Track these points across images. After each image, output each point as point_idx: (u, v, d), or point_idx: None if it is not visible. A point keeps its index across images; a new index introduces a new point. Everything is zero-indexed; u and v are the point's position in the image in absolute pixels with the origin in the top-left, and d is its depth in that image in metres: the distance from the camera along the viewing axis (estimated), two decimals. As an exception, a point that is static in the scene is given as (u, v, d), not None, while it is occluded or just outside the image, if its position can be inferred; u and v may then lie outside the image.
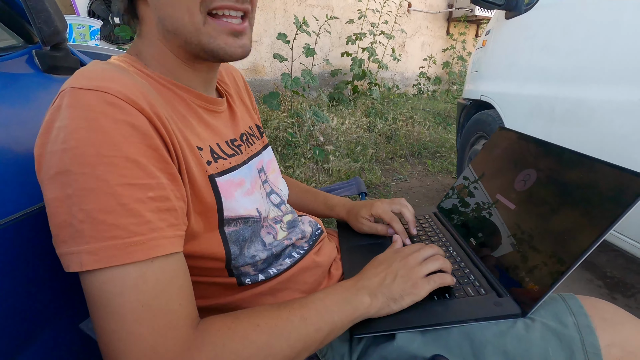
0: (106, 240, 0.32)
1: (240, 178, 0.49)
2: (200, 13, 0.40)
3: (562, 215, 0.49)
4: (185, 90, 0.47)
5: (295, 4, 4.00)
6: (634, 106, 0.95)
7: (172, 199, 0.37)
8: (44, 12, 0.49)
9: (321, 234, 0.64)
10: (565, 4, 1.26)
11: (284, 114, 2.81)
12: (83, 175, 0.32)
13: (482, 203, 0.66)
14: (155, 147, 0.36)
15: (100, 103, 0.34)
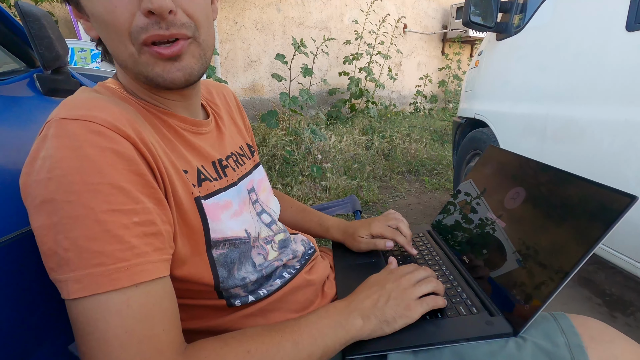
0: (91, 267, 0.32)
1: (227, 200, 0.49)
2: (132, 44, 0.39)
3: (550, 233, 0.50)
4: (169, 114, 0.47)
5: (293, 26, 4.11)
6: (621, 125, 0.97)
7: (158, 222, 0.37)
8: (46, 38, 0.51)
9: (314, 253, 0.64)
10: (553, 27, 1.31)
11: (282, 132, 2.84)
12: (68, 203, 0.33)
13: (474, 221, 0.67)
14: (140, 172, 0.37)
15: (85, 132, 0.34)
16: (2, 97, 0.52)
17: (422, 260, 0.67)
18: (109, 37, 0.40)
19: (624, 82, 0.97)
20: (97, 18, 0.38)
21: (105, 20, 0.38)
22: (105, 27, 0.39)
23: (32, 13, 0.49)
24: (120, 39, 0.39)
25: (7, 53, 0.59)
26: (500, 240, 0.57)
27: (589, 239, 0.43)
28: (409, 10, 4.99)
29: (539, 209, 0.54)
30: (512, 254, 0.54)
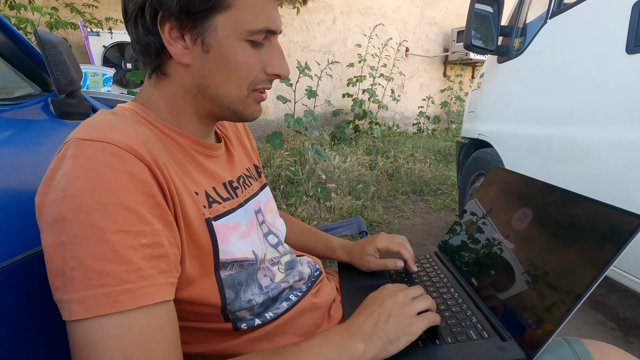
0: (95, 288, 0.32)
1: (235, 221, 0.50)
2: (247, 89, 0.47)
3: (560, 254, 0.49)
4: (185, 136, 0.49)
5: (298, 49, 4.23)
6: (626, 146, 0.97)
7: (165, 245, 0.37)
8: (62, 64, 0.53)
9: (320, 275, 0.64)
10: (553, 50, 1.33)
11: (286, 153, 2.87)
12: (78, 222, 0.33)
13: (481, 242, 0.66)
14: (152, 194, 0.37)
15: (101, 153, 0.35)
16: (18, 120, 0.54)
17: (429, 282, 0.66)
18: (227, 77, 0.46)
19: (626, 103, 0.98)
20: (231, 63, 0.45)
21: (240, 69, 0.45)
22: (233, 71, 0.45)
23: (49, 40, 0.51)
24: (239, 83, 0.46)
25: (23, 78, 0.61)
26: (509, 262, 0.57)
27: (601, 261, 0.42)
28: (411, 34, 5.12)
29: (547, 230, 0.54)
30: (521, 276, 0.53)
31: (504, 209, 0.66)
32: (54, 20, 2.21)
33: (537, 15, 1.49)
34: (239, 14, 0.43)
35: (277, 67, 0.47)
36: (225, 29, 0.43)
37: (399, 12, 4.94)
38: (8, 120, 0.54)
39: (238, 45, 0.44)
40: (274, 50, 0.47)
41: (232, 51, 0.44)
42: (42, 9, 2.08)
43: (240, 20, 0.43)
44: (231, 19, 0.43)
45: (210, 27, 0.43)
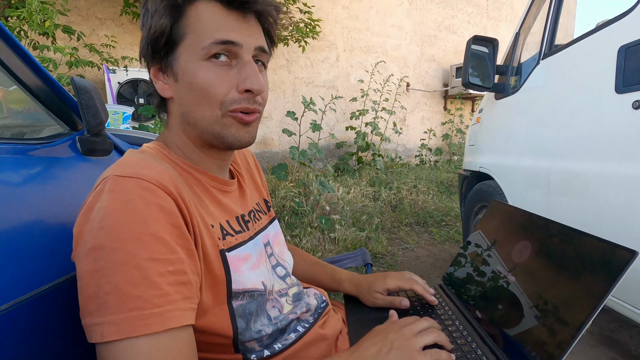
0: (129, 311, 0.35)
1: (247, 253, 0.53)
2: (219, 110, 0.48)
3: (559, 288, 0.51)
4: (202, 173, 0.53)
5: (302, 85, 4.39)
6: (623, 179, 1.00)
7: (188, 272, 0.40)
8: (93, 107, 0.58)
9: (326, 306, 0.65)
10: (547, 88, 1.40)
11: (291, 184, 2.91)
12: (115, 250, 0.37)
13: (484, 275, 0.68)
14: (178, 225, 0.41)
15: (136, 188, 0.39)
16: (49, 158, 0.58)
17: (434, 315, 0.67)
18: (197, 101, 0.48)
19: (619, 138, 1.02)
20: (196, 86, 0.47)
21: (206, 89, 0.47)
22: (200, 93, 0.47)
23: (84, 86, 0.57)
24: (210, 104, 0.48)
25: (54, 118, 0.66)
26: (512, 295, 0.58)
27: (596, 294, 0.44)
28: (411, 71, 5.32)
29: (545, 263, 0.56)
30: (525, 309, 0.54)
31: (504, 242, 0.68)
32: (74, 59, 2.35)
33: (530, 55, 1.57)
34: (193, 37, 0.46)
35: (247, 82, 0.47)
36: (185, 55, 0.47)
37: (399, 50, 5.17)
38: (39, 157, 0.58)
39: (198, 66, 0.46)
40: (243, 66, 0.48)
41: (194, 73, 0.47)
42: (64, 50, 2.22)
43: (194, 43, 0.46)
44: (188, 45, 0.47)
45: (174, 58, 0.48)
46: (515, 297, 0.57)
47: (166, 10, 0.46)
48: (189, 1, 0.47)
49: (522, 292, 0.56)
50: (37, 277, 0.45)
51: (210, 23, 0.46)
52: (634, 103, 0.96)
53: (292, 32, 3.56)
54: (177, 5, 0.46)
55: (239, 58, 0.48)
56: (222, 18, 0.46)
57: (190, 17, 0.46)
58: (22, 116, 0.79)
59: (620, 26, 1.04)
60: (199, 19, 0.46)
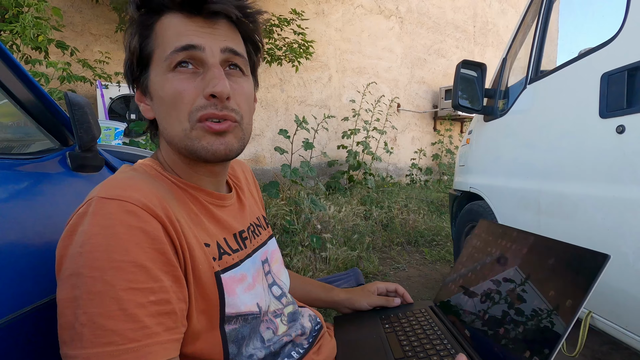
0: (102, 346, 0.33)
1: (242, 273, 0.51)
2: (188, 121, 0.45)
3: (542, 299, 0.51)
4: (197, 189, 0.51)
5: (295, 103, 4.44)
6: (610, 202, 1.02)
7: (173, 301, 0.38)
8: (86, 123, 0.57)
9: (321, 329, 0.64)
10: (534, 112, 1.44)
11: (282, 202, 2.89)
12: (92, 279, 0.35)
13: (472, 295, 0.67)
14: (163, 251, 0.39)
15: (119, 211, 0.38)
16: (37, 173, 0.57)
17: (423, 335, 0.66)
18: (168, 115, 0.46)
19: (605, 162, 1.05)
20: (163, 99, 0.46)
21: (171, 101, 0.45)
22: (168, 106, 0.46)
23: (77, 102, 0.56)
24: (178, 117, 0.45)
25: (44, 132, 0.65)
26: (497, 312, 0.58)
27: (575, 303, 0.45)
28: (402, 92, 5.45)
29: (530, 277, 0.56)
30: (508, 325, 0.54)
31: (490, 260, 0.68)
32: (67, 74, 2.34)
33: (517, 80, 1.63)
34: (159, 51, 0.46)
35: (210, 86, 0.44)
36: (154, 71, 0.47)
37: (390, 71, 5.30)
38: (27, 173, 0.57)
39: (164, 79, 0.45)
40: (208, 71, 0.45)
41: (161, 85, 0.46)
42: (57, 65, 2.21)
43: (160, 56, 0.46)
44: (156, 60, 0.46)
45: (148, 77, 0.48)
46: (499, 315, 0.57)
47: (137, 30, 0.46)
48: (154, 17, 0.46)
49: (504, 309, 0.57)
50: (21, 297, 0.43)
51: (172, 33, 0.45)
52: (617, 127, 0.99)
53: (286, 52, 3.63)
54: (144, 24, 0.46)
55: (204, 64, 0.45)
56: (184, 26, 0.45)
57: (157, 33, 0.46)
58: (11, 130, 0.78)
59: (602, 54, 1.09)
60: (164, 32, 0.45)
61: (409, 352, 0.61)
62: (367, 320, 0.75)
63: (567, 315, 0.45)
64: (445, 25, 5.87)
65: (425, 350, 0.61)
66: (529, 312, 0.52)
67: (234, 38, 0.48)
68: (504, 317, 0.57)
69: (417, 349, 0.62)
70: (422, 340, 0.64)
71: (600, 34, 1.12)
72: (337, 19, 4.73)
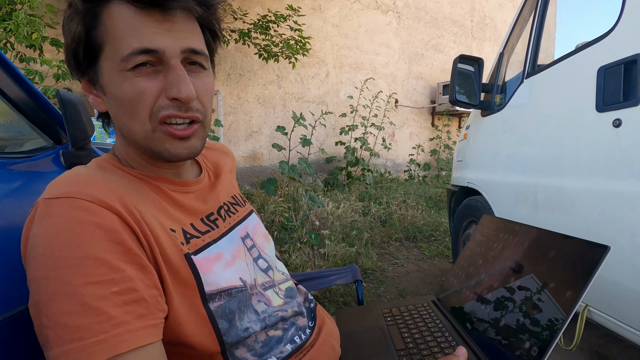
0: (68, 343, 0.33)
1: (217, 252, 0.50)
2: (150, 122, 0.43)
3: (541, 291, 0.51)
4: (157, 178, 0.50)
5: (293, 100, 4.43)
6: (607, 196, 1.02)
7: (140, 289, 0.38)
8: (79, 121, 0.57)
9: (315, 307, 0.63)
10: (531, 106, 1.44)
11: (280, 199, 2.89)
12: (47, 280, 0.35)
13: (474, 288, 0.67)
14: (121, 241, 0.38)
15: (67, 209, 0.37)
16: (30, 172, 0.56)
17: (424, 327, 0.67)
18: (127, 115, 0.44)
19: (601, 156, 1.05)
20: (122, 99, 0.43)
21: (131, 102, 0.42)
22: (127, 106, 0.43)
23: (69, 99, 0.56)
24: (138, 118, 0.43)
25: (37, 131, 0.64)
26: (498, 305, 0.58)
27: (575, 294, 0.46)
28: (399, 87, 5.43)
29: (532, 270, 0.56)
30: (509, 318, 0.54)
31: (493, 254, 0.68)
32: (62, 72, 2.32)
33: (514, 74, 1.62)
34: (111, 46, 0.42)
35: (173, 90, 0.42)
36: (107, 66, 0.43)
37: (387, 67, 5.28)
38: (19, 172, 0.57)
39: (122, 78, 0.42)
40: (169, 71, 0.43)
41: (118, 85, 0.42)
42: (51, 62, 2.19)
43: (114, 52, 0.42)
44: (108, 54, 0.42)
45: (98, 69, 0.44)
46: (501, 308, 0.57)
47: (77, 17, 0.42)
48: (100, 5, 0.42)
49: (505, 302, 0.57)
50: (14, 298, 0.42)
51: (126, 29, 0.41)
52: (614, 121, 0.99)
53: (283, 48, 3.61)
54: (88, 11, 0.42)
55: (165, 63, 0.43)
56: (138, 22, 0.41)
57: (105, 23, 0.42)
58: (3, 129, 0.77)
59: (599, 48, 1.08)
60: (114, 24, 0.41)
61: (410, 344, 0.62)
62: (369, 313, 0.76)
63: (567, 306, 0.45)
64: (443, 20, 5.85)
65: (427, 342, 0.62)
66: (529, 304, 0.52)
67: (193, 32, 0.45)
68: (504, 309, 0.57)
69: (418, 341, 0.63)
70: (423, 332, 0.65)
71: (597, 27, 1.12)
72: (334, 14, 4.71)
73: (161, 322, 0.39)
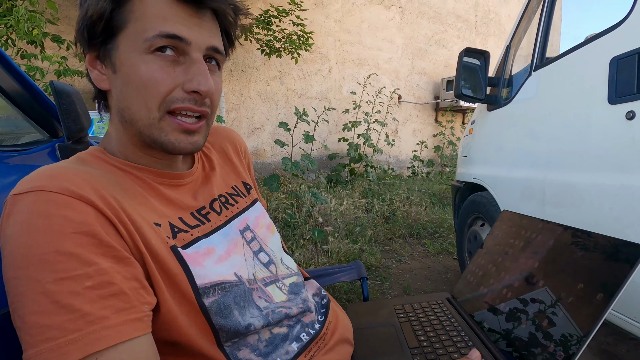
0: (40, 344, 0.31)
1: (208, 247, 0.48)
2: (158, 111, 0.43)
3: (569, 292, 0.49)
4: (145, 170, 0.48)
5: (295, 96, 4.40)
6: (618, 190, 0.99)
7: (117, 282, 0.36)
8: (74, 113, 0.55)
9: (328, 304, 0.61)
10: (539, 100, 1.41)
11: (283, 196, 2.87)
12: (16, 280, 0.33)
13: (492, 286, 0.65)
14: (93, 233, 0.36)
15: (33, 203, 0.35)
16: (25, 166, 0.54)
17: (439, 325, 0.65)
18: (135, 97, 0.43)
19: (613, 149, 1.02)
20: (134, 80, 0.42)
21: (144, 84, 0.42)
22: (138, 89, 0.42)
23: (64, 90, 0.54)
24: (147, 103, 0.43)
25: (33, 125, 0.63)
26: (520, 305, 0.56)
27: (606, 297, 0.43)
28: (403, 83, 5.39)
29: (556, 270, 0.54)
30: (530, 317, 0.52)
31: (513, 252, 0.66)
32: (63, 68, 2.31)
33: (521, 67, 1.59)
34: (136, 26, 0.42)
35: (194, 83, 0.43)
36: (125, 45, 0.42)
37: (391, 63, 5.24)
38: (14, 166, 0.55)
39: (140, 59, 0.42)
40: (191, 64, 0.43)
41: (135, 66, 0.42)
42: (52, 58, 2.18)
43: (137, 32, 0.42)
44: (129, 34, 0.42)
45: (114, 47, 0.43)
46: (521, 308, 0.55)
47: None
48: None
49: (529, 301, 0.54)
50: None
51: (156, 13, 0.41)
52: (627, 113, 0.96)
53: (285, 44, 3.58)
54: None
55: (187, 55, 0.43)
56: (171, 10, 0.42)
57: (134, 3, 0.42)
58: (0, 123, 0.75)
59: (612, 38, 1.05)
60: (145, 6, 0.41)
61: (424, 342, 0.60)
62: (381, 309, 0.74)
63: (598, 309, 0.43)
64: (447, 15, 5.79)
65: (441, 341, 0.59)
66: (556, 306, 0.50)
67: (217, 33, 0.47)
68: (526, 311, 0.55)
69: (432, 339, 0.60)
70: (438, 331, 0.63)
71: (608, 17, 1.09)
72: (336, 9, 4.67)
73: (147, 316, 0.37)
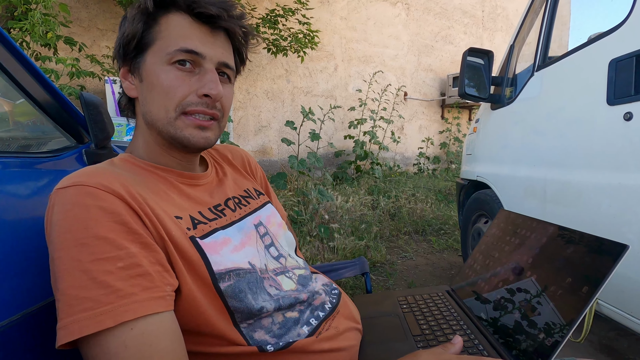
0: (77, 313, 0.37)
1: (225, 237, 0.54)
2: (174, 112, 0.51)
3: (558, 285, 0.53)
4: (167, 171, 0.56)
5: (301, 94, 4.44)
6: (616, 189, 1.02)
7: (144, 264, 0.42)
8: (101, 122, 0.60)
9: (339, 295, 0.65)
10: (541, 100, 1.43)
11: (290, 193, 2.92)
12: (60, 259, 0.39)
13: (490, 280, 0.69)
14: (123, 222, 0.42)
15: (75, 195, 0.42)
16: (56, 171, 0.60)
17: (440, 316, 0.69)
18: (156, 101, 0.52)
19: (611, 149, 1.05)
20: (156, 86, 0.51)
21: (164, 89, 0.50)
22: (159, 94, 0.51)
23: (92, 102, 0.59)
24: (166, 105, 0.51)
25: (62, 132, 0.68)
26: (513, 297, 0.60)
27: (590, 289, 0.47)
28: (409, 80, 5.38)
29: (548, 265, 0.57)
30: (524, 309, 0.56)
31: (509, 248, 0.69)
32: (76, 70, 2.37)
33: (525, 67, 1.61)
34: (161, 43, 0.51)
35: (206, 87, 0.51)
36: (152, 59, 0.51)
37: (396, 59, 5.24)
38: (46, 170, 0.60)
39: (162, 70, 0.51)
40: (205, 74, 0.52)
41: (157, 75, 0.51)
42: (66, 61, 2.25)
43: (161, 48, 0.51)
44: (155, 50, 0.51)
45: (142, 60, 0.52)
46: (515, 299, 0.59)
47: (141, 17, 0.51)
48: (162, 11, 0.52)
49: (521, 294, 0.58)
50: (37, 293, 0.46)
51: (178, 32, 0.51)
52: (625, 115, 0.99)
53: (291, 42, 3.61)
54: (151, 14, 0.51)
55: (201, 67, 0.52)
56: (190, 29, 0.51)
57: (161, 25, 0.51)
58: (28, 129, 0.81)
59: (611, 40, 1.07)
60: (169, 27, 0.51)
61: (425, 330, 0.64)
62: (385, 300, 0.79)
63: (583, 300, 0.47)
64: (453, 11, 5.75)
65: (442, 329, 0.64)
66: (545, 297, 0.54)
67: (228, 51, 0.56)
68: (520, 301, 0.59)
69: (433, 327, 0.65)
70: (438, 320, 0.68)
71: (609, 19, 1.10)
72: (342, 7, 4.68)
73: (169, 295, 0.43)
